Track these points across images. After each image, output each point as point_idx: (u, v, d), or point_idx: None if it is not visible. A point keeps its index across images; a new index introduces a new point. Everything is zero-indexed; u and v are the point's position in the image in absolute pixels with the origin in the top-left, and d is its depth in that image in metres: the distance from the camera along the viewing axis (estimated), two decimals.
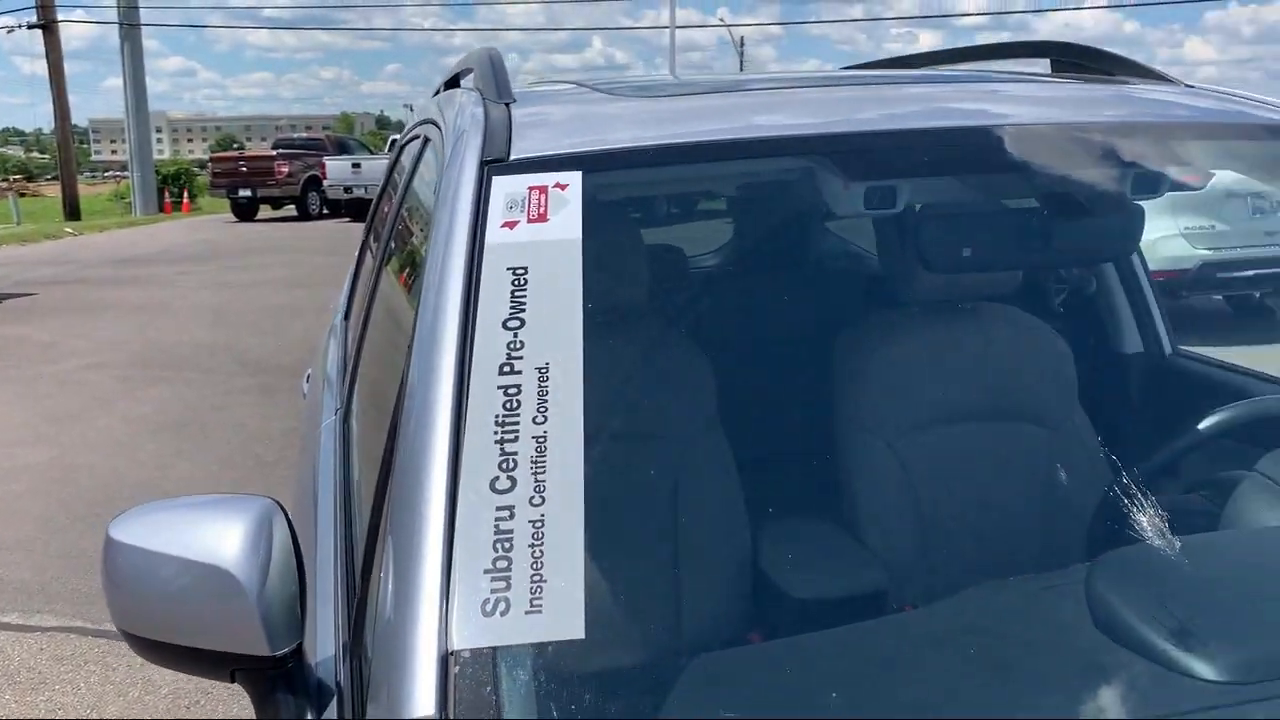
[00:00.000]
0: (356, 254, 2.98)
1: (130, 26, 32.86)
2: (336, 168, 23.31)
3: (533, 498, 0.92)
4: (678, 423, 1.46)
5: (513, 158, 1.29)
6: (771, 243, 1.76)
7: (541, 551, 0.88)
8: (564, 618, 0.84)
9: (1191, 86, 1.75)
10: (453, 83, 2.46)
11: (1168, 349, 2.19)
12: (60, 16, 32.40)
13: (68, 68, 32.18)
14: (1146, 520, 1.13)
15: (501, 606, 0.85)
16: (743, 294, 1.70)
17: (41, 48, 30.81)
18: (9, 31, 33.55)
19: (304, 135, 30.29)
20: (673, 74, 26.80)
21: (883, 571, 1.37)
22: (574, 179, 1.23)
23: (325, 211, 24.59)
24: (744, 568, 1.33)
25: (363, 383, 1.78)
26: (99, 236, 22.61)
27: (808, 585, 1.28)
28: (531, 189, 1.23)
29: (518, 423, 0.98)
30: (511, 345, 1.04)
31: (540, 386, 1.01)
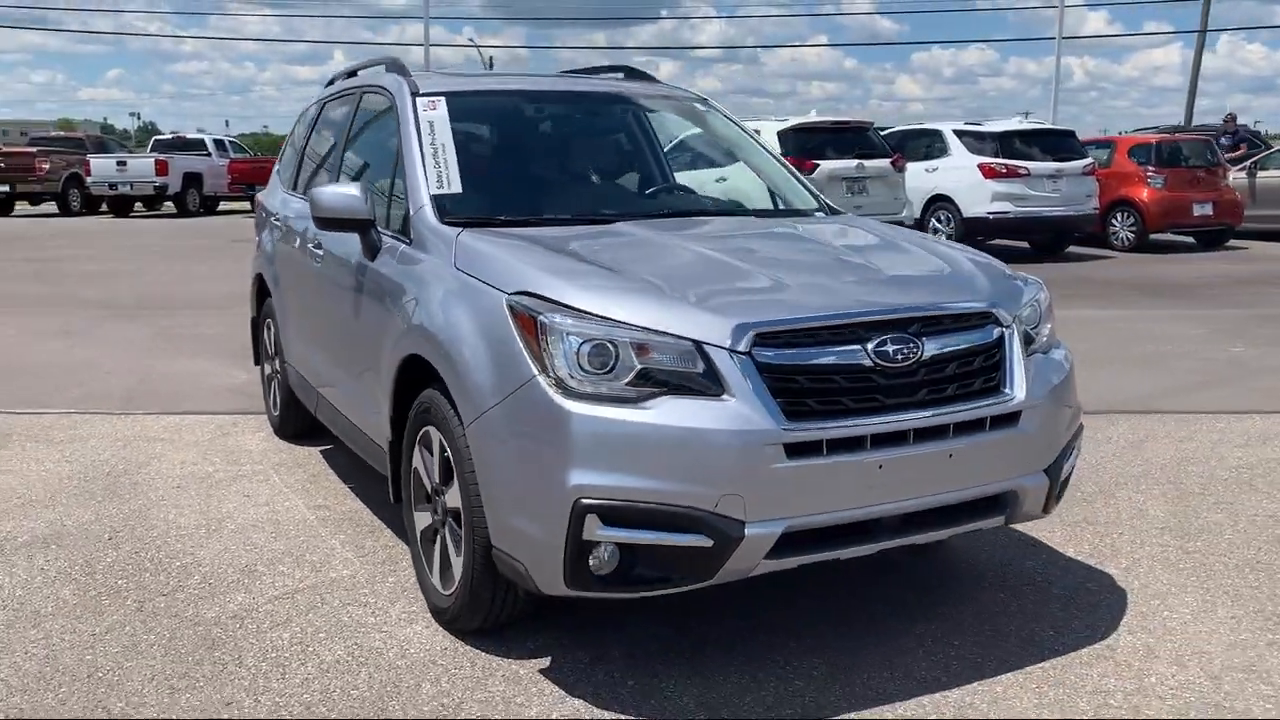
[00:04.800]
0: (295, 150, 5.57)
1: None
2: (102, 166, 24.29)
3: (440, 170, 3.71)
4: (495, 135, 4.32)
5: (421, 92, 4.06)
6: (519, 116, 4.50)
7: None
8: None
9: (657, 82, 4.78)
10: (351, 73, 5.18)
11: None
12: None
13: None
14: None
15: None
16: (516, 123, 4.45)
17: None
18: None
19: (63, 134, 30.54)
20: None
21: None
22: (442, 99, 4.02)
23: (85, 209, 25.37)
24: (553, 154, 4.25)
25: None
26: None
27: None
28: (430, 100, 4.01)
29: (436, 148, 3.76)
30: (434, 135, 3.82)
31: (442, 144, 3.79)
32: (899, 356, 2.80)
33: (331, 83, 5.60)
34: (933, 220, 14.14)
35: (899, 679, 2.95)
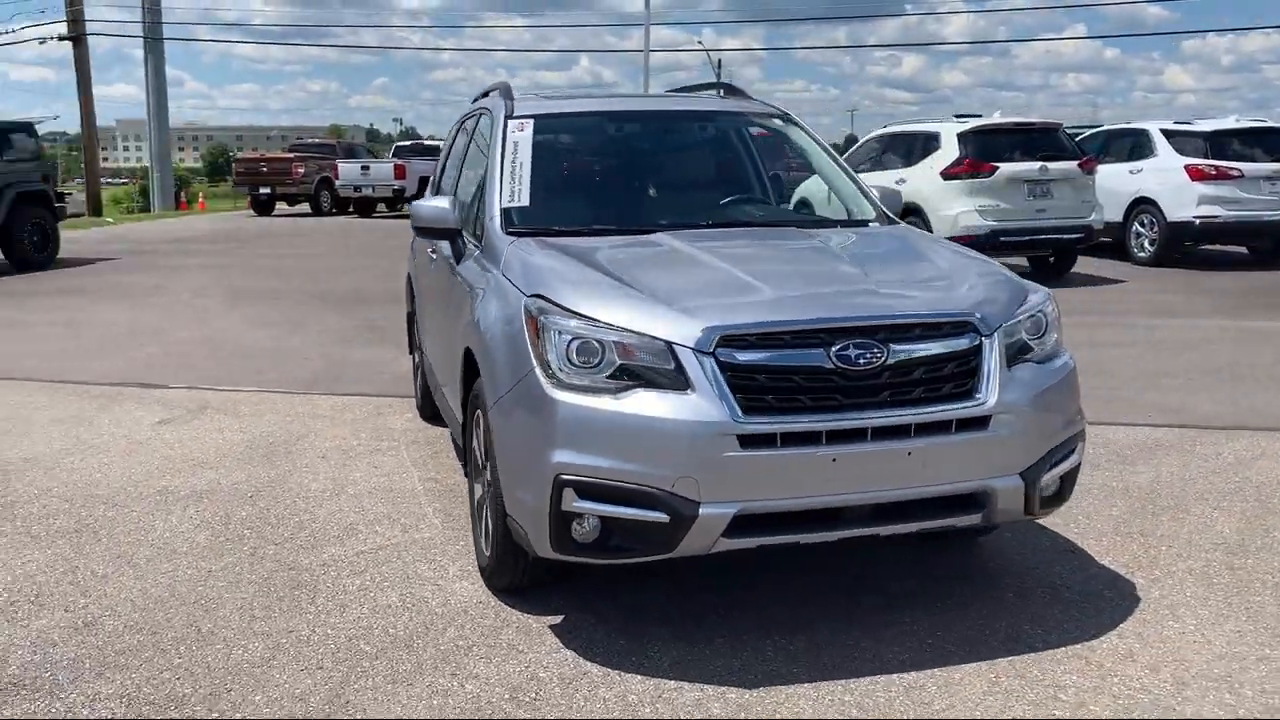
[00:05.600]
0: (442, 160, 6.24)
1: (154, 40, 36.17)
2: (348, 170, 26.58)
3: (514, 185, 4.20)
4: (572, 152, 4.78)
5: (514, 115, 4.56)
6: (597, 135, 4.98)
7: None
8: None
9: (747, 99, 5.08)
10: (485, 94, 5.77)
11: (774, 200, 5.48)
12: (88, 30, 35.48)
13: (58, 76, 35.20)
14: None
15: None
16: (593, 140, 4.94)
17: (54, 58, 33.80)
18: (41, 43, 36.81)
19: (317, 140, 33.64)
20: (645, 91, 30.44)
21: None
22: (530, 122, 4.51)
23: (334, 209, 27.82)
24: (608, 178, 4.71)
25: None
26: (139, 225, 25.87)
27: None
28: (520, 122, 4.51)
29: (515, 165, 4.25)
30: (516, 154, 4.32)
31: (520, 162, 4.28)
32: (861, 360, 3.04)
33: (475, 102, 6.23)
34: (1135, 225, 13.51)
35: (865, 660, 3.19)
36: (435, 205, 4.28)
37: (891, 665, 3.15)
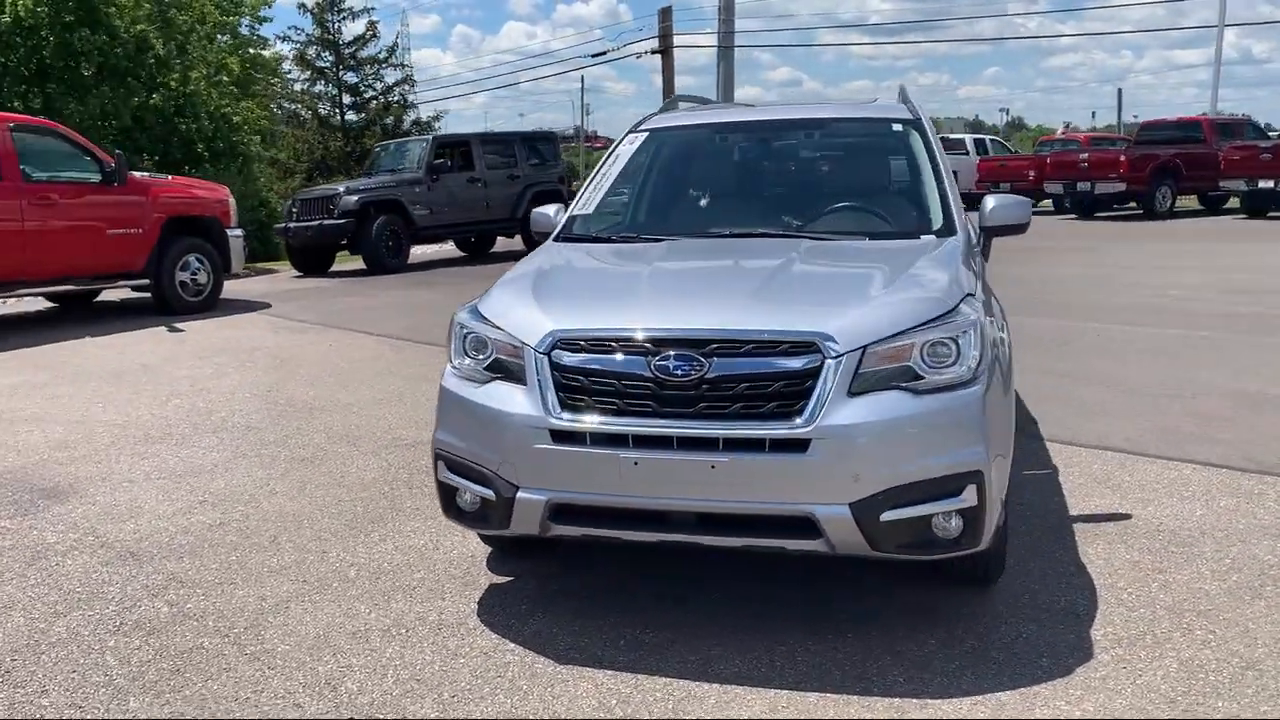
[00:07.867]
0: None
1: (725, 49, 39.87)
2: None
3: (591, 194, 4.64)
4: (665, 163, 5.06)
5: (637, 129, 4.98)
6: (694, 148, 5.16)
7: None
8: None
9: (892, 105, 4.91)
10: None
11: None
12: (675, 43, 40.13)
13: (679, 82, 39.75)
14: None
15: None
16: (688, 152, 5.15)
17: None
18: (638, 57, 42.43)
19: None
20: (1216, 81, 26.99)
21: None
22: (644, 135, 4.91)
23: None
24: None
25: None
26: None
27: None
28: (634, 135, 4.92)
29: (606, 174, 4.70)
30: (612, 165, 4.75)
31: (609, 174, 4.71)
32: (679, 372, 3.12)
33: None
34: None
35: (701, 665, 3.25)
36: (544, 211, 4.87)
37: (716, 676, 3.17)
